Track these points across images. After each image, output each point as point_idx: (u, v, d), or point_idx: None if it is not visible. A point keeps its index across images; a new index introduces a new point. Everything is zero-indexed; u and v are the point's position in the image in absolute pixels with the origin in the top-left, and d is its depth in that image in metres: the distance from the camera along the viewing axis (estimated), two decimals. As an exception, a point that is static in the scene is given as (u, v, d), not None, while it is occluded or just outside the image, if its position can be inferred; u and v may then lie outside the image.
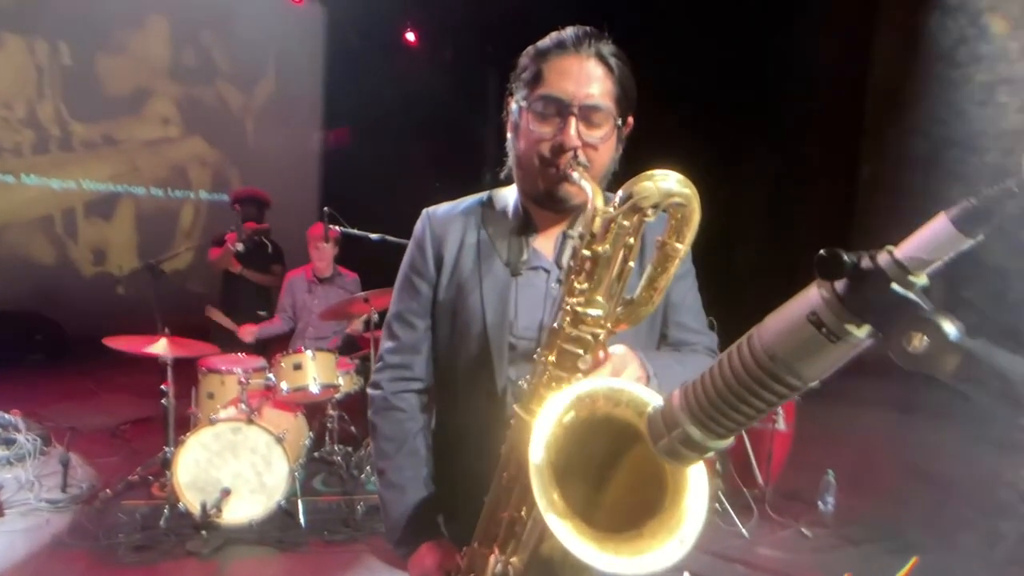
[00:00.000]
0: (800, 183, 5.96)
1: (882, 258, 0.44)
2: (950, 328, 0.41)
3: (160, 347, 2.84)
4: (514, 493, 0.84)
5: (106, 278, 6.30)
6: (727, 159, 6.23)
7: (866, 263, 0.44)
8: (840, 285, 0.45)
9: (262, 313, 3.82)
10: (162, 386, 2.91)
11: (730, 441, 0.56)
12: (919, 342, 0.42)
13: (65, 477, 3.00)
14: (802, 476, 3.27)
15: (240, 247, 3.68)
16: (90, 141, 6.21)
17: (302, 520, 2.73)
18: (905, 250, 0.44)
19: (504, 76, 1.03)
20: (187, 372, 3.21)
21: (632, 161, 1.02)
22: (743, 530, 2.87)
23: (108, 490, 2.93)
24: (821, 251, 0.45)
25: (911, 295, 0.43)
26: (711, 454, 0.58)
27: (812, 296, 0.47)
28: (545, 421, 0.71)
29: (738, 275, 6.37)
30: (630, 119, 1.00)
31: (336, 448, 3.37)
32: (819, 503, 3.13)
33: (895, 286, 0.43)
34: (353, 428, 3.55)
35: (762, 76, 5.96)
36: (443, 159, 6.88)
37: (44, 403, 4.19)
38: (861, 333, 0.46)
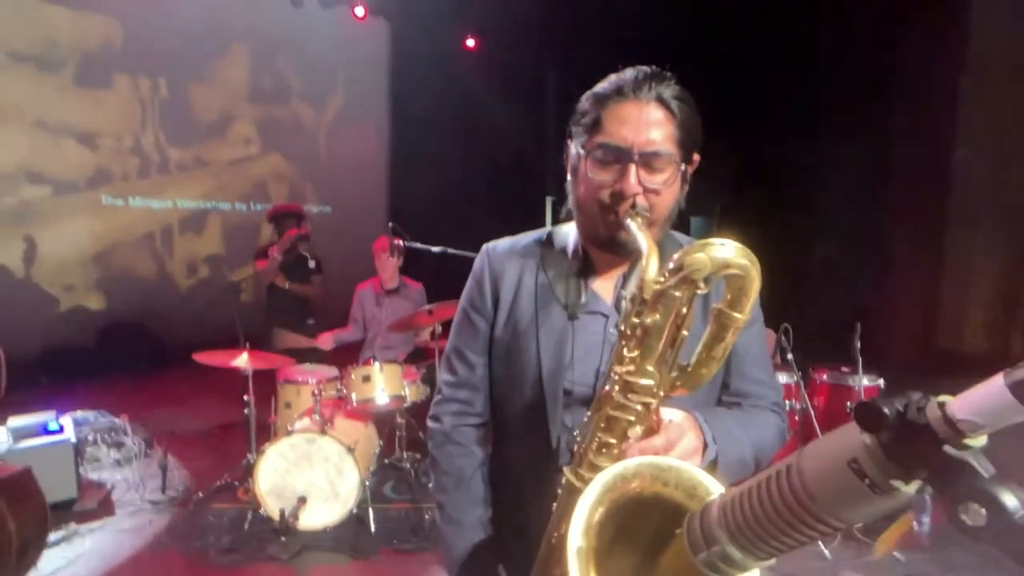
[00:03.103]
0: (885, 172, 5.50)
1: (931, 412, 0.40)
2: (1012, 501, 0.36)
3: (242, 361, 3.05)
4: (563, 553, 0.82)
5: (198, 289, 6.84)
6: (805, 149, 5.86)
7: (912, 414, 0.40)
8: (885, 435, 0.41)
9: (310, 322, 3.99)
10: (244, 396, 3.13)
11: (774, 560, 0.54)
12: (976, 514, 0.37)
13: (164, 479, 3.29)
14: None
15: (283, 257, 3.83)
16: (183, 164, 6.75)
17: (372, 527, 2.84)
18: (958, 409, 0.39)
19: (562, 75, 1.01)
20: (268, 380, 3.42)
21: (704, 150, 0.98)
22: (825, 551, 2.69)
23: (200, 493, 3.18)
24: (860, 401, 0.42)
25: (967, 459, 0.38)
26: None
27: (854, 440, 0.43)
28: (587, 502, 0.68)
29: (817, 273, 5.99)
30: (696, 157, 0.97)
31: (405, 455, 3.48)
32: (914, 523, 2.88)
33: (948, 448, 0.39)
34: (421, 434, 3.65)
35: (840, 56, 5.56)
36: (505, 161, 6.93)
37: (147, 407, 4.60)
38: (910, 489, 0.42)
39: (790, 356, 3.07)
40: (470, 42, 7.22)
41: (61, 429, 3.12)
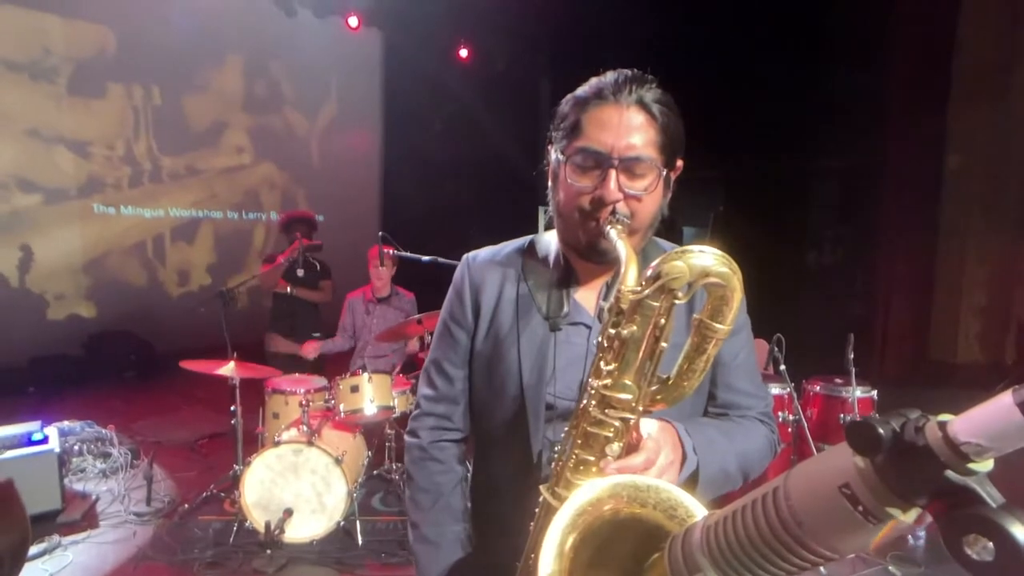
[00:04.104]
0: (874, 177, 5.52)
1: (931, 433, 0.36)
2: (1023, 534, 0.32)
3: (229, 369, 3.02)
4: None
5: (189, 298, 6.80)
6: (794, 158, 5.90)
7: (910, 435, 0.36)
8: (879, 458, 0.38)
9: (316, 335, 3.93)
10: (232, 407, 3.10)
11: None
12: (983, 548, 0.34)
13: (150, 491, 3.24)
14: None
15: (292, 263, 3.77)
16: (176, 172, 6.74)
17: (359, 540, 2.80)
18: (961, 430, 0.35)
19: (555, 86, 0.99)
20: (256, 390, 3.39)
21: (697, 160, 0.96)
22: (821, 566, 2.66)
23: (186, 505, 3.14)
24: (853, 420, 0.39)
25: (972, 485, 0.35)
26: None
27: (846, 462, 0.40)
28: (558, 526, 0.65)
29: (808, 280, 6.01)
30: (679, 163, 0.94)
31: (394, 466, 3.44)
32: (908, 536, 2.86)
33: (950, 473, 0.35)
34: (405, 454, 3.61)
35: (831, 62, 5.61)
36: (498, 171, 6.93)
37: (135, 418, 4.56)
38: (908, 518, 0.38)
39: (783, 367, 3.05)
40: (463, 52, 7.26)
41: (46, 439, 3.07)
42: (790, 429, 3.21)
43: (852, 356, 3.15)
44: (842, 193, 5.82)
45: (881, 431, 0.37)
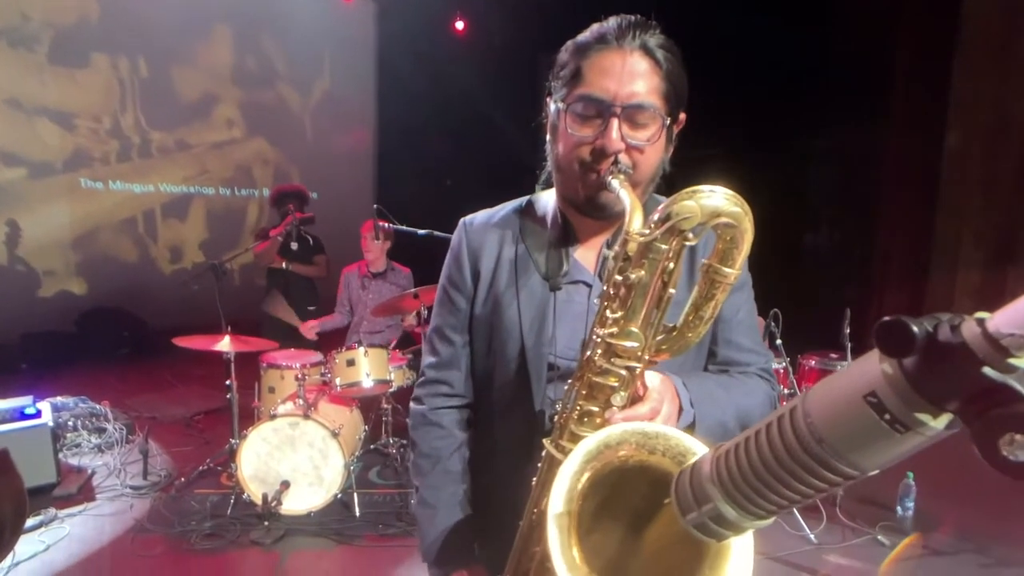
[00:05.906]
0: (875, 161, 5.50)
1: (968, 330, 0.33)
2: None
3: (224, 344, 2.99)
4: (543, 529, 0.79)
5: (182, 274, 6.72)
6: (793, 137, 5.86)
7: (945, 335, 0.34)
8: (910, 361, 0.35)
9: (311, 308, 3.91)
10: (227, 381, 3.08)
11: (772, 520, 0.48)
12: (1020, 447, 0.31)
13: (146, 465, 3.23)
14: (878, 477, 2.94)
15: (286, 237, 3.72)
16: (165, 147, 6.60)
17: (357, 512, 2.81)
18: (1003, 323, 0.33)
19: (552, 59, 0.95)
20: (252, 366, 3.37)
21: (696, 139, 0.93)
22: (811, 535, 2.70)
23: (183, 478, 3.14)
24: (884, 320, 0.35)
25: (1010, 382, 0.32)
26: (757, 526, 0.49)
27: (872, 370, 0.37)
28: (568, 470, 0.64)
29: (806, 263, 6.02)
30: (682, 116, 0.90)
31: (391, 440, 3.45)
32: (897, 507, 2.91)
33: (988, 370, 0.33)
34: (408, 420, 3.61)
35: (832, 46, 5.54)
36: (494, 144, 6.86)
37: (129, 394, 4.54)
38: (938, 424, 0.36)
39: (779, 341, 3.07)
40: (458, 24, 7.11)
41: (38, 413, 3.05)
42: (786, 403, 3.24)
43: (848, 331, 3.18)
44: (841, 172, 5.79)
45: (915, 329, 0.34)
